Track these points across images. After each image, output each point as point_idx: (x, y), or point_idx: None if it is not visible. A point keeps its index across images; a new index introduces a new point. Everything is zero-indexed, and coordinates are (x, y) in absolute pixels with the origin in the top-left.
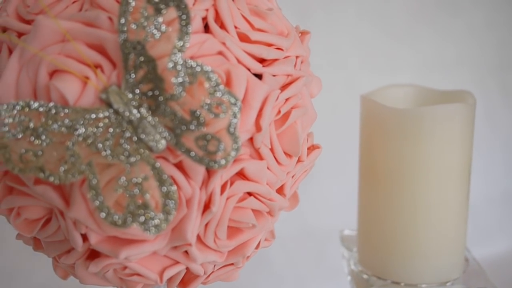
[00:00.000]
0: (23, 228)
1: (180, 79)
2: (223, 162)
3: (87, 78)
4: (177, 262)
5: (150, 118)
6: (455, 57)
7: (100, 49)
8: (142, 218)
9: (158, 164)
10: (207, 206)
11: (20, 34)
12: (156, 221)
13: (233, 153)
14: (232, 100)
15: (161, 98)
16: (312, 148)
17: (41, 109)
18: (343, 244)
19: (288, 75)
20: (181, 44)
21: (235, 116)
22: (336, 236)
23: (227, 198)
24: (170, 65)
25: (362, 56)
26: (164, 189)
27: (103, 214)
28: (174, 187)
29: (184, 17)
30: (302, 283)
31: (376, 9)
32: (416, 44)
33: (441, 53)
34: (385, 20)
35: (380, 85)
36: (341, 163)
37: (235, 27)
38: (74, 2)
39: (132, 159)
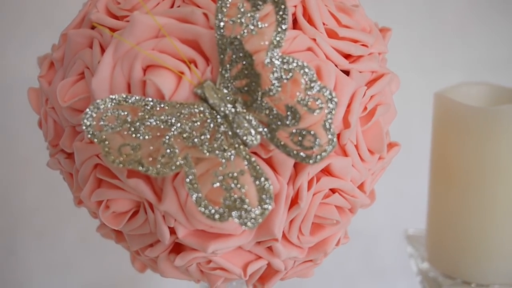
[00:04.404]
0: (111, 221)
1: (277, 75)
2: (318, 157)
3: (182, 73)
4: (259, 257)
5: (245, 113)
6: (507, 56)
7: (194, 45)
8: (238, 212)
9: (253, 159)
10: (294, 202)
11: (112, 31)
12: (253, 215)
13: (329, 149)
14: (329, 96)
15: (257, 93)
16: (390, 145)
17: (138, 104)
18: (409, 243)
19: (372, 72)
20: (278, 40)
21: (331, 111)
22: (384, 235)
23: (314, 194)
24: (267, 60)
25: (413, 55)
26: (260, 183)
27: (201, 208)
28: (269, 182)
29: (281, 13)
30: (350, 282)
31: (427, 7)
32: (468, 42)
33: (493, 51)
34: (436, 18)
35: (431, 84)
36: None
37: (323, 24)
38: None
39: (228, 154)
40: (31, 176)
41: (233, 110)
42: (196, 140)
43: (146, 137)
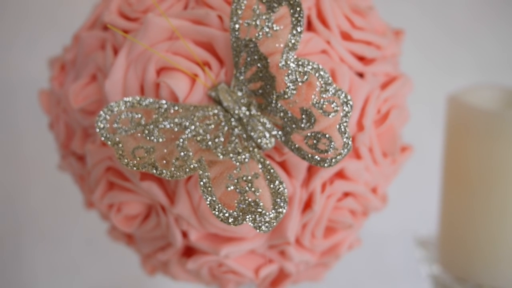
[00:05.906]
0: (123, 224)
1: (292, 77)
2: (333, 161)
3: (196, 75)
4: (271, 261)
5: (259, 116)
6: None
7: (208, 47)
8: (253, 216)
9: (268, 162)
10: (307, 205)
11: (124, 32)
12: (267, 219)
13: (344, 152)
14: (344, 99)
15: (272, 96)
16: (402, 149)
17: (152, 106)
18: (419, 246)
19: (386, 74)
20: (293, 42)
21: (346, 114)
22: (391, 237)
23: (327, 197)
24: (282, 63)
25: (422, 56)
26: (275, 187)
27: (215, 212)
28: (284, 185)
29: (296, 15)
30: (357, 285)
31: (437, 8)
32: (478, 44)
33: (503, 53)
34: (446, 19)
35: (441, 85)
36: None
37: (337, 26)
38: (178, 0)
39: (242, 157)
40: (36, 178)
41: (247, 113)
42: (210, 143)
43: (160, 139)
